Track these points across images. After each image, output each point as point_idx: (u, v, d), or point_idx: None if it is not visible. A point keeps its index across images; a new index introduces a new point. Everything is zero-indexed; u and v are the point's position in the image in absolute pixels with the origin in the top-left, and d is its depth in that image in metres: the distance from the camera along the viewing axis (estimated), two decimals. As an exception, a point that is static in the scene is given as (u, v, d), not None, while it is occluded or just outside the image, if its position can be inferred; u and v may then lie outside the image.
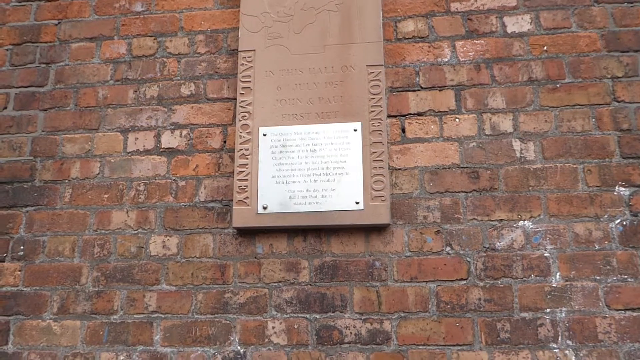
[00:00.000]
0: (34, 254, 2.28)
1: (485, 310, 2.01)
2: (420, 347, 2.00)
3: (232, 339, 2.07)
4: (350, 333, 2.03)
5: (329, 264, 2.12)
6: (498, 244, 2.08)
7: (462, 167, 2.18)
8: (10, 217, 2.35)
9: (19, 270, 2.27)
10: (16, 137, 2.46)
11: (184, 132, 2.35)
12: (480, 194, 2.14)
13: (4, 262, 2.29)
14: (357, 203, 2.11)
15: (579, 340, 1.95)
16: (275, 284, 2.11)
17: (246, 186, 2.17)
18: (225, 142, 2.32)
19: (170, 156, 2.33)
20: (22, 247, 2.29)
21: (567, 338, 1.95)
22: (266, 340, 2.05)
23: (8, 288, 2.26)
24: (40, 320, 2.19)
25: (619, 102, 2.19)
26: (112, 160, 2.36)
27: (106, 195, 2.32)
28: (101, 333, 2.14)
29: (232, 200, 2.22)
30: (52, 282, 2.23)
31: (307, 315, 2.06)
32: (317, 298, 2.08)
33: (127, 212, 2.28)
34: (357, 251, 2.12)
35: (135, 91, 2.45)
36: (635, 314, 1.96)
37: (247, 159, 2.21)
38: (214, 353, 2.06)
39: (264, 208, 2.14)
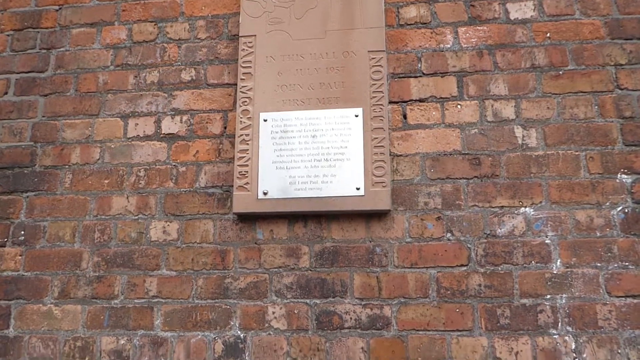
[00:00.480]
0: (34, 239, 2.28)
1: (485, 296, 2.01)
2: (420, 332, 2.00)
3: (232, 323, 2.07)
4: (350, 318, 2.03)
5: (329, 249, 2.11)
6: (499, 230, 2.07)
7: (463, 154, 2.17)
8: (11, 202, 2.35)
9: (20, 255, 2.27)
10: (17, 122, 2.45)
11: (185, 117, 2.34)
12: (482, 181, 2.14)
13: (4, 247, 2.29)
14: (357, 189, 2.11)
15: (578, 326, 1.95)
16: (276, 269, 2.11)
17: (246, 172, 2.17)
18: (225, 127, 2.31)
19: (170, 142, 2.32)
20: (22, 232, 2.30)
21: (567, 324, 1.95)
22: (266, 325, 2.05)
23: (9, 273, 2.26)
24: (41, 305, 2.20)
25: (622, 89, 2.17)
26: (113, 146, 2.35)
27: (106, 181, 2.31)
28: (102, 317, 2.15)
29: (232, 185, 2.22)
30: (53, 267, 2.24)
31: (307, 301, 2.06)
32: (317, 283, 2.08)
33: (127, 198, 2.28)
34: (357, 237, 2.12)
35: (136, 77, 2.44)
36: (635, 300, 1.95)
37: (247, 144, 2.20)
38: (215, 338, 2.07)
39: (265, 194, 2.14)
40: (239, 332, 2.06)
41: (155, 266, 2.18)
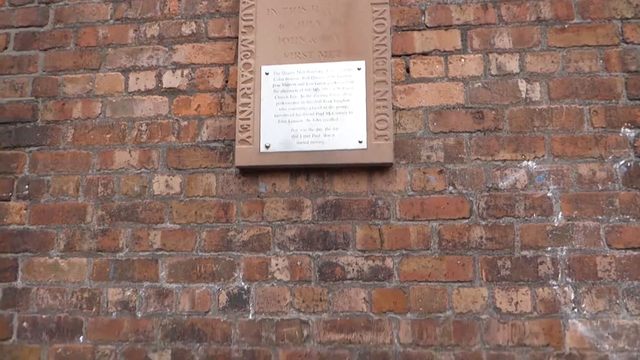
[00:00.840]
0: (38, 193, 2.29)
1: (486, 249, 2.03)
2: (422, 283, 2.03)
3: (236, 275, 2.10)
4: (353, 270, 2.06)
5: (331, 202, 2.13)
6: (501, 183, 2.08)
7: (466, 107, 2.16)
8: (14, 157, 2.35)
9: (25, 209, 2.29)
10: (17, 77, 2.43)
11: (185, 71, 2.32)
12: (485, 134, 2.13)
13: (9, 201, 2.31)
14: (360, 142, 2.10)
15: (578, 277, 1.97)
16: (278, 222, 2.13)
17: (248, 125, 2.16)
18: (227, 81, 2.29)
19: (171, 96, 2.31)
20: (26, 187, 2.31)
21: (567, 275, 1.98)
22: (269, 276, 2.08)
23: (14, 226, 2.28)
24: (47, 258, 2.23)
25: (627, 43, 2.15)
26: (114, 101, 2.34)
27: (108, 135, 2.31)
28: (107, 270, 2.18)
29: (234, 139, 2.21)
30: (58, 220, 2.25)
31: (310, 253, 2.08)
32: (319, 236, 2.10)
33: (129, 152, 2.28)
34: (359, 190, 2.13)
35: (136, 30, 2.41)
36: (635, 253, 1.97)
37: (249, 98, 2.19)
38: (219, 289, 2.10)
39: (267, 147, 2.13)
40: (242, 283, 2.09)
41: (158, 219, 2.20)
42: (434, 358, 1.97)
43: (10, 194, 2.31)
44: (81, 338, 2.13)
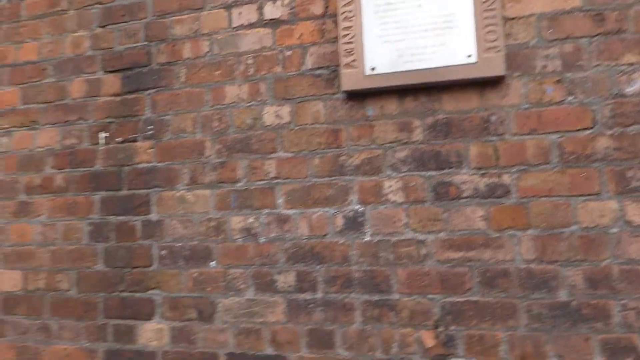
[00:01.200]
0: (161, 132, 2.45)
1: (613, 159, 1.90)
2: (543, 198, 1.95)
3: (350, 199, 2.15)
4: (468, 188, 2.02)
5: (442, 121, 2.08)
6: (627, 89, 1.92)
7: (584, 10, 1.98)
8: (136, 100, 2.51)
9: (151, 148, 2.46)
10: (130, 24, 2.56)
11: (286, 1, 2.32)
12: (606, 38, 1.95)
13: (136, 142, 2.49)
14: (469, 56, 2.01)
15: None
16: (389, 144, 2.13)
17: (352, 49, 2.14)
18: (327, 7, 2.26)
19: (274, 27, 2.33)
20: (150, 127, 2.47)
21: None
22: (383, 198, 2.11)
23: (144, 165, 2.47)
24: (175, 192, 2.40)
25: None
26: (219, 37, 2.40)
27: (218, 72, 2.39)
28: (229, 200, 2.31)
29: (338, 65, 2.21)
30: (181, 156, 2.41)
31: (423, 173, 2.07)
32: (431, 156, 2.07)
33: (239, 86, 2.35)
34: (471, 106, 2.06)
35: (234, -35, 2.43)
36: None
37: (351, 21, 2.15)
38: (334, 213, 2.16)
39: (372, 69, 2.11)
40: (357, 206, 2.14)
41: (272, 149, 2.28)
42: (560, 273, 1.92)
43: (137, 134, 2.50)
44: (212, 263, 2.31)
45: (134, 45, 2.55)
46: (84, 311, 2.52)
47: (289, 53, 2.29)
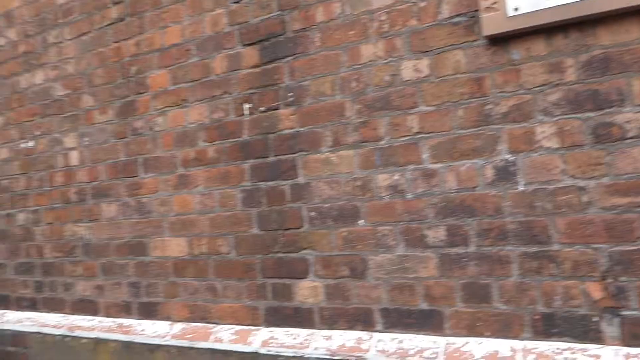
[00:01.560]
0: (301, 98, 2.53)
1: None
2: None
3: (499, 148, 2.07)
4: (633, 127, 1.85)
5: (598, 57, 1.91)
6: None
7: None
8: (275, 69, 2.61)
9: (293, 114, 2.56)
10: (265, -4, 2.65)
11: (416, -51, 2.24)
12: None
13: (279, 109, 2.60)
14: (628, -20, 1.81)
15: None
16: (538, 88, 2.00)
17: (492, -10, 2.02)
18: (460, -51, 2.15)
19: (406, -22, 2.27)
20: (290, 94, 2.56)
21: None
22: (536, 145, 2.00)
23: (287, 131, 2.57)
24: (319, 154, 2.48)
25: None
26: (350, -3, 2.40)
27: (352, 32, 2.39)
28: (373, 158, 2.34)
29: (477, 10, 2.10)
30: (322, 119, 2.47)
31: (579, 115, 1.93)
32: (588, 96, 1.92)
33: (374, 44, 2.34)
34: (631, 38, 1.86)
35: None
36: None
37: (489, -40, 2.03)
38: (483, 164, 2.10)
39: (515, 10, 1.98)
40: (507, 155, 2.05)
41: (412, 104, 2.25)
42: None
43: (278, 102, 2.60)
44: (361, 221, 2.37)
45: (268, 15, 2.63)
46: (244, 272, 2.73)
47: (423, 4, 2.22)
